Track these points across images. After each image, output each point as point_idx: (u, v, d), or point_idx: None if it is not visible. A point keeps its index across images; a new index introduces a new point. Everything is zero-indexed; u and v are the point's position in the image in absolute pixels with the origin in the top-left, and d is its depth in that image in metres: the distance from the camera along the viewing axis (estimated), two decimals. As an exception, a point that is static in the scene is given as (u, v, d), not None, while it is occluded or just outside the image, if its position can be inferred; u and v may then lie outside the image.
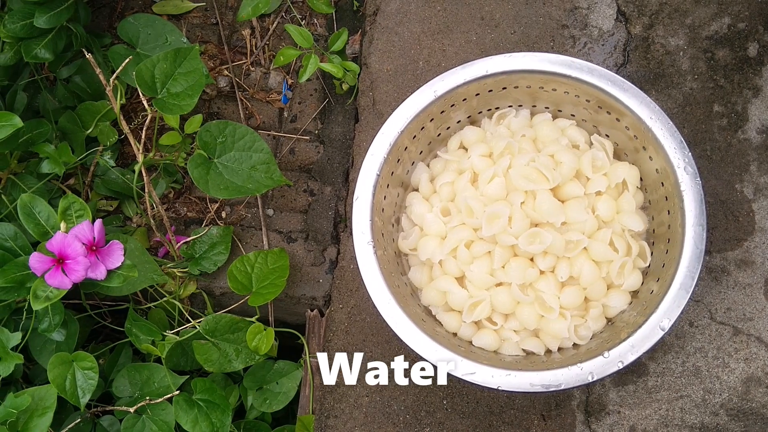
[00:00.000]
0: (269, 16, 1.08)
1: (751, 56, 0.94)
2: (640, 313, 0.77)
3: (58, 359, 0.83)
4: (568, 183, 0.81)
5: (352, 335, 0.92)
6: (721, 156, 0.92)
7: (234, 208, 1.02)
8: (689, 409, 0.86)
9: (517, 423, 0.87)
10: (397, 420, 0.88)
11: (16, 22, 0.89)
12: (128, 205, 1.02)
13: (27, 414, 0.80)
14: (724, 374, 0.86)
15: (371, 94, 0.99)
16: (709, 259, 0.89)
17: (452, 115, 0.86)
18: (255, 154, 0.91)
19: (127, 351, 0.97)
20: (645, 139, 0.80)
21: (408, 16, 1.00)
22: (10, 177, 0.94)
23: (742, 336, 0.87)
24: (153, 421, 0.88)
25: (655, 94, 0.94)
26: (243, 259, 0.93)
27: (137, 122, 1.03)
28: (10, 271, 0.80)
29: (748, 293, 0.88)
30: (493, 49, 0.98)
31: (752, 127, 0.93)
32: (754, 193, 0.91)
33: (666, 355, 0.87)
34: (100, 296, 0.98)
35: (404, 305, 0.78)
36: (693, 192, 0.77)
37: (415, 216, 0.85)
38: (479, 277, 0.80)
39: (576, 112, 0.86)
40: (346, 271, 0.94)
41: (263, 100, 1.06)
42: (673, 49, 0.95)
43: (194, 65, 0.88)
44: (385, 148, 0.81)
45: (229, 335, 0.91)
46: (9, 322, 0.87)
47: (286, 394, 0.97)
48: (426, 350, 0.76)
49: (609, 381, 0.87)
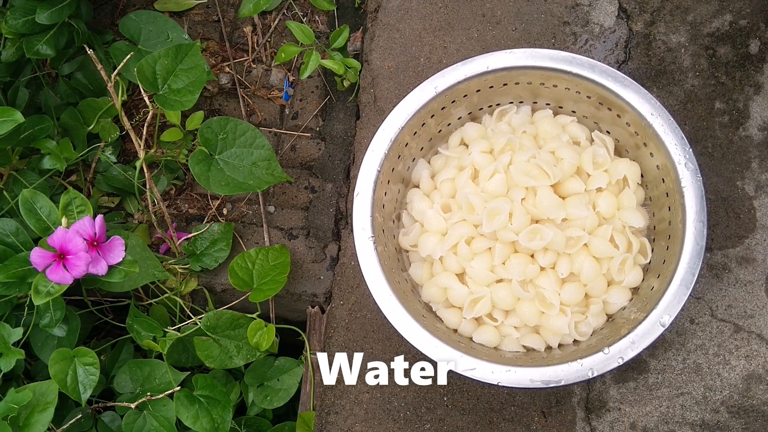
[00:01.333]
0: (271, 13, 1.08)
1: (752, 53, 0.94)
2: (641, 309, 0.77)
3: (59, 355, 0.84)
4: (568, 179, 0.81)
5: (353, 332, 0.92)
6: (722, 153, 0.92)
7: (235, 204, 1.02)
8: (690, 406, 0.86)
9: (518, 420, 0.87)
10: (398, 416, 0.88)
11: (18, 18, 0.89)
12: (130, 201, 1.02)
13: (28, 409, 0.80)
14: (725, 371, 0.86)
15: (372, 90, 0.99)
16: (710, 256, 0.89)
17: (453, 111, 0.86)
18: (256, 151, 0.91)
19: (129, 347, 0.97)
20: (646, 135, 0.80)
21: (409, 13, 1.00)
22: (12, 173, 0.94)
23: (743, 333, 0.87)
24: (154, 417, 0.88)
25: (656, 91, 0.94)
26: (244, 255, 0.93)
27: (139, 119, 1.03)
28: (11, 267, 0.81)
29: (749, 290, 0.88)
30: (494, 45, 0.98)
31: (754, 124, 0.92)
32: (755, 190, 0.91)
33: (667, 352, 0.87)
34: (101, 292, 0.98)
35: (405, 301, 0.78)
36: (694, 188, 0.76)
37: (416, 212, 0.85)
38: (480, 274, 0.80)
39: (577, 108, 0.86)
40: (347, 268, 0.94)
41: (265, 97, 1.06)
42: (675, 46, 0.95)
43: (195, 61, 0.88)
44: (386, 144, 0.81)
45: (230, 332, 0.92)
46: (10, 317, 0.87)
47: (287, 390, 0.97)
48: (426, 346, 0.76)
49: (609, 378, 0.87)
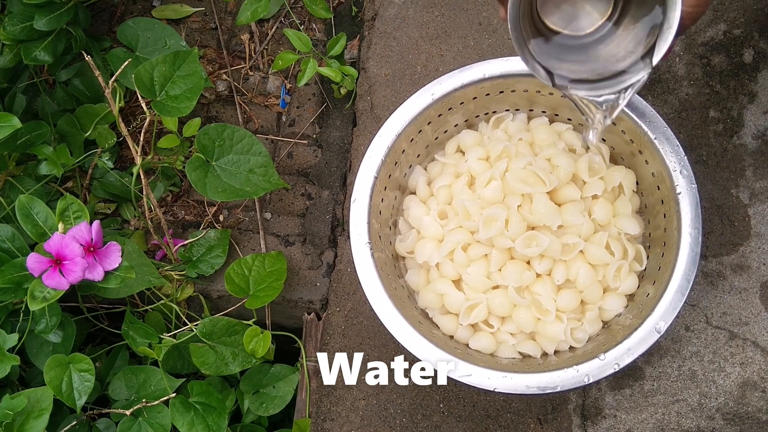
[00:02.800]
0: (268, 20, 1.09)
1: (746, 62, 0.95)
2: (636, 316, 0.77)
3: (54, 361, 0.83)
4: (564, 186, 0.81)
5: (349, 338, 0.92)
6: (716, 161, 0.92)
7: (232, 211, 1.02)
8: (685, 413, 0.86)
9: (514, 426, 0.87)
10: (394, 423, 0.88)
11: (16, 25, 0.90)
12: (126, 208, 1.02)
13: (23, 416, 0.80)
14: (720, 378, 0.87)
15: (369, 98, 0.99)
16: (705, 264, 0.89)
17: (450, 118, 0.86)
18: (253, 158, 0.92)
19: (124, 354, 0.97)
20: (641, 143, 0.81)
21: (406, 21, 1.01)
22: (9, 179, 0.94)
23: (738, 340, 0.87)
24: (149, 424, 0.88)
25: (651, 100, 0.94)
26: (240, 262, 0.93)
27: (136, 125, 1.03)
28: (7, 272, 0.81)
29: (743, 298, 0.88)
30: (490, 53, 0.98)
31: (748, 132, 0.93)
32: (749, 198, 0.91)
33: (662, 359, 0.88)
34: (97, 299, 0.98)
35: (401, 307, 0.78)
36: (688, 195, 0.77)
37: (413, 219, 0.85)
38: (476, 280, 0.80)
39: (572, 116, 0.86)
40: (344, 275, 0.95)
41: (262, 104, 1.06)
42: (669, 55, 0.96)
43: (193, 68, 0.88)
44: (383, 151, 0.82)
45: (226, 338, 0.91)
46: (6, 323, 0.87)
47: (282, 397, 0.97)
48: (423, 353, 0.76)
49: (605, 385, 0.88)
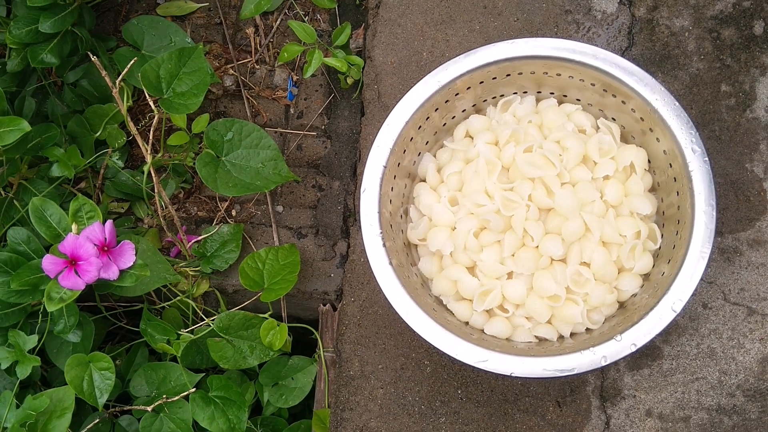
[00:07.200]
0: (272, 13, 1.09)
1: (757, 34, 0.94)
2: (652, 295, 0.77)
3: (74, 360, 0.84)
4: (575, 168, 0.81)
5: (365, 328, 0.92)
6: (730, 136, 0.91)
7: (244, 206, 1.02)
8: (705, 391, 0.86)
9: (533, 410, 0.87)
10: (412, 411, 0.88)
11: (22, 28, 0.90)
12: (139, 206, 1.02)
13: (46, 415, 0.81)
14: (740, 355, 0.86)
15: (376, 87, 0.99)
16: (720, 240, 0.88)
17: (457, 104, 0.86)
18: (262, 151, 0.92)
19: (143, 351, 0.98)
20: (651, 120, 0.80)
21: (410, 8, 1.00)
22: (21, 182, 0.94)
23: (757, 316, 0.87)
24: (170, 419, 0.89)
25: (661, 76, 0.93)
26: (254, 255, 0.93)
27: (145, 123, 1.03)
28: (24, 275, 0.81)
29: (761, 273, 0.87)
30: (496, 37, 0.98)
31: (761, 105, 0.92)
32: (764, 172, 0.90)
33: (680, 337, 0.87)
34: (114, 298, 0.99)
35: (415, 296, 0.78)
36: (701, 172, 0.76)
37: (423, 206, 0.85)
38: (489, 266, 0.80)
39: (581, 96, 0.85)
40: (357, 265, 0.95)
41: (269, 98, 1.06)
42: (678, 30, 0.95)
43: (199, 64, 0.88)
44: (391, 140, 0.82)
45: (243, 332, 0.92)
46: (25, 325, 0.88)
47: (301, 389, 0.98)
48: (438, 340, 0.76)
49: (623, 365, 0.87)
